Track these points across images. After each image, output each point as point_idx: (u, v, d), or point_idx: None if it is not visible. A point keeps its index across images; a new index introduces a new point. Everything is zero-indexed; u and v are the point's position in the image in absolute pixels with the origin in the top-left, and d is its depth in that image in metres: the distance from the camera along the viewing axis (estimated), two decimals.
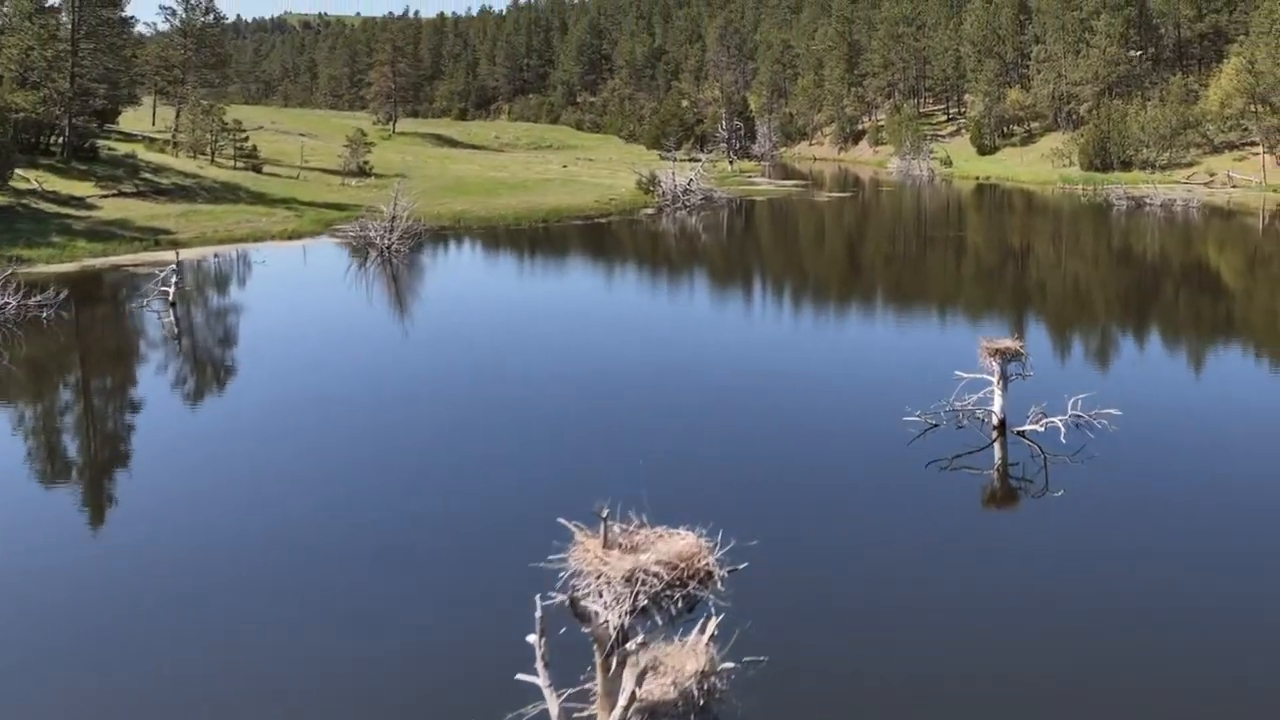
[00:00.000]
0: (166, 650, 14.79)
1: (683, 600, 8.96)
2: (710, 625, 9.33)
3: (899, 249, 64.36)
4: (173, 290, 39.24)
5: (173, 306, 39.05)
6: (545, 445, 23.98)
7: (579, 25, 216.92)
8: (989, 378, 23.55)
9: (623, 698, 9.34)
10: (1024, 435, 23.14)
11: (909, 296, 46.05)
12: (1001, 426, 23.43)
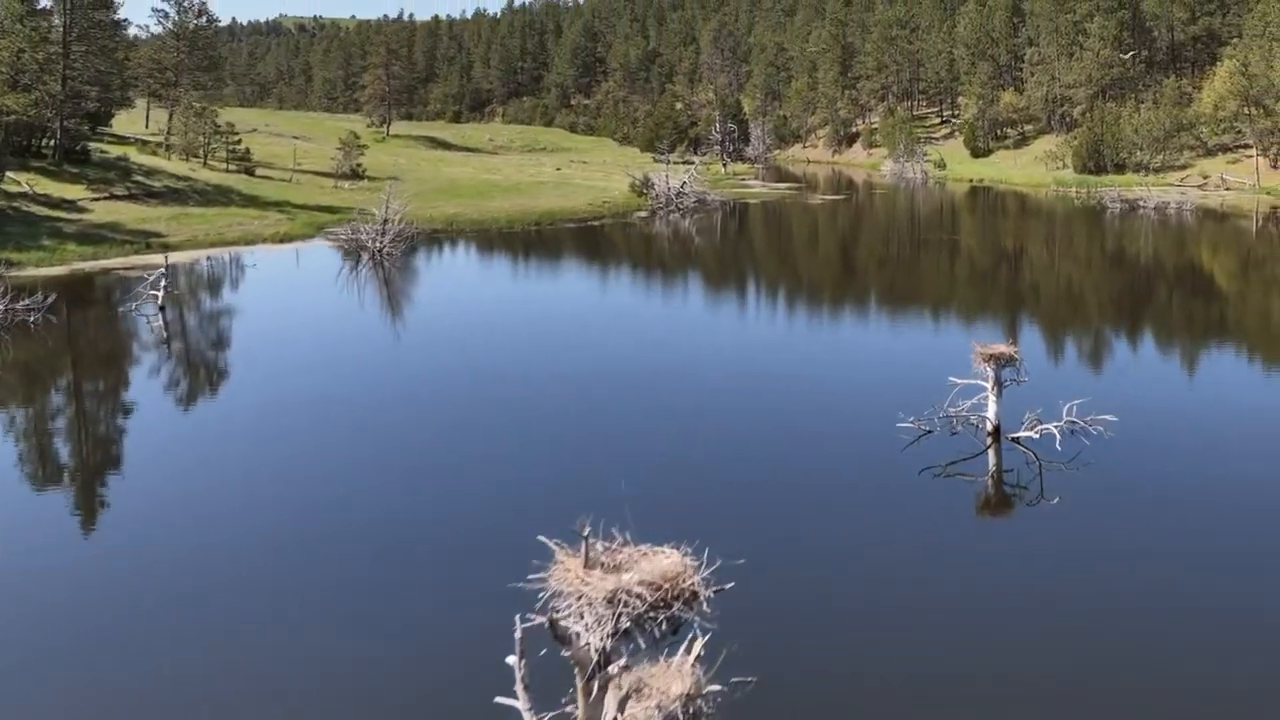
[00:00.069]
0: (166, 650, 14.80)
1: (667, 622, 8.74)
2: (696, 645, 9.09)
3: (892, 252, 64.23)
4: (162, 294, 38.98)
5: (162, 310, 38.79)
6: (541, 447, 23.86)
7: (573, 28, 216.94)
8: (983, 383, 23.39)
9: None
10: (1019, 442, 22.98)
11: (902, 300, 45.91)
12: (996, 433, 23.27)
